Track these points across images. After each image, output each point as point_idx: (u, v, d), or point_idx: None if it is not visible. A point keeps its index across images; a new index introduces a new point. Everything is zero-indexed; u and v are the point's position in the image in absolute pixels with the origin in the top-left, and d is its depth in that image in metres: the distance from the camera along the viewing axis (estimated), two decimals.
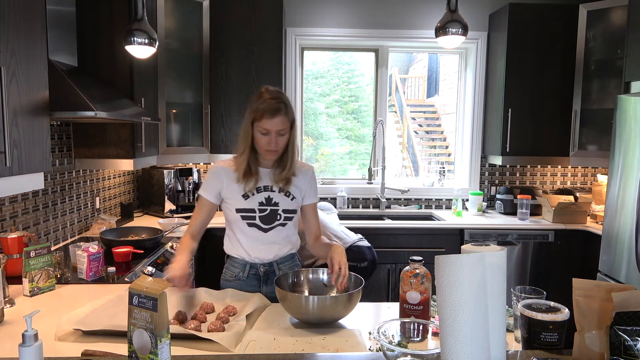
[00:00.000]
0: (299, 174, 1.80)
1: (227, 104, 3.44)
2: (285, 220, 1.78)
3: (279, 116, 1.65)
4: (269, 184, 1.77)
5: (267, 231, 1.77)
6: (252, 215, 1.75)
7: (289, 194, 1.77)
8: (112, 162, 2.66)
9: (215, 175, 1.77)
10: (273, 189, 1.77)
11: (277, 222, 1.77)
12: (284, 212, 1.77)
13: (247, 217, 1.75)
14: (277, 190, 1.77)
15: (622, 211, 2.55)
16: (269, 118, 1.65)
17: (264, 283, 1.80)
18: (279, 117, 1.65)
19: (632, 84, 2.66)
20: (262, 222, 1.76)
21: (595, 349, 1.10)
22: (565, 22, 3.41)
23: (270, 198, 1.76)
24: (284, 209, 1.77)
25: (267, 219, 1.76)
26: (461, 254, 1.00)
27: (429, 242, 3.24)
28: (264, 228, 1.76)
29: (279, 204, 1.76)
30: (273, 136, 1.67)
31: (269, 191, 1.76)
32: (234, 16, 3.36)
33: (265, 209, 1.75)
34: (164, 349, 1.01)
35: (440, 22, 2.56)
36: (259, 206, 1.75)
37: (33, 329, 1.03)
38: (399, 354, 1.05)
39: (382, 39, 3.78)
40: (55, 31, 2.30)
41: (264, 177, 1.77)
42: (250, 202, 1.75)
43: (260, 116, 1.65)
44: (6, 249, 1.89)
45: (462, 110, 3.98)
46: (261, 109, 1.65)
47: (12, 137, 1.55)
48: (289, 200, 1.78)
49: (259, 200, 1.75)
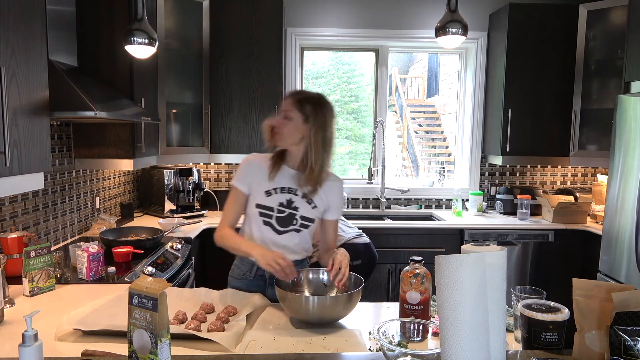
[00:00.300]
0: (325, 185, 1.76)
1: (227, 104, 3.44)
2: (300, 227, 1.75)
3: (289, 98, 1.72)
4: (294, 186, 1.74)
5: (281, 234, 1.74)
6: (270, 214, 1.73)
7: (311, 202, 1.74)
8: (112, 162, 2.66)
9: (247, 165, 1.78)
10: (297, 192, 1.74)
11: (292, 227, 1.74)
12: (301, 219, 1.74)
13: (264, 215, 1.73)
14: (301, 195, 1.74)
15: (622, 211, 2.55)
16: (284, 99, 1.73)
17: (269, 285, 1.78)
18: (289, 99, 1.72)
19: (632, 84, 2.66)
20: (277, 223, 1.73)
21: (595, 349, 1.10)
22: (565, 22, 3.41)
23: (292, 201, 1.74)
24: (302, 216, 1.74)
25: (283, 222, 1.74)
26: (461, 254, 1.00)
27: (429, 242, 3.24)
28: (278, 230, 1.74)
29: (298, 209, 1.73)
30: (280, 115, 1.72)
31: (292, 194, 1.74)
32: (234, 16, 3.36)
33: (283, 211, 1.73)
34: (164, 349, 1.01)
35: (440, 22, 2.56)
36: (278, 206, 1.73)
37: (33, 329, 1.03)
38: (399, 354, 1.05)
39: (382, 39, 3.78)
40: (55, 31, 2.30)
41: (289, 178, 1.74)
42: (271, 200, 1.73)
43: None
44: (6, 249, 1.89)
45: (462, 110, 3.98)
46: None
47: (12, 137, 1.55)
48: (309, 207, 1.75)
49: (279, 200, 1.73)
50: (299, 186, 1.73)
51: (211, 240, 3.19)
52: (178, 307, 1.55)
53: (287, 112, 1.68)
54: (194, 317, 1.45)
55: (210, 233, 3.13)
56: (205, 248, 3.14)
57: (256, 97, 3.44)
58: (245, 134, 3.46)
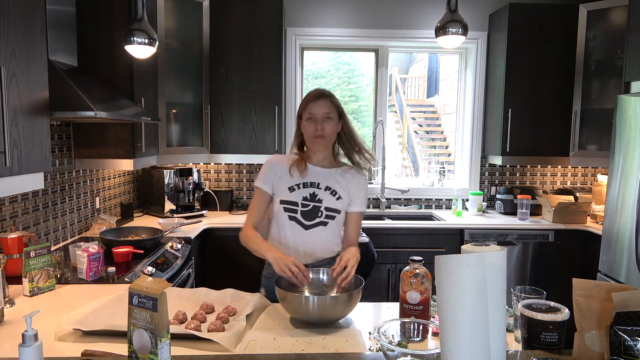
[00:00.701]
0: (349, 175, 1.82)
1: (227, 104, 3.44)
2: (326, 218, 1.77)
3: (322, 99, 1.75)
4: (317, 180, 1.79)
5: (308, 228, 1.77)
6: (294, 209, 1.76)
7: (335, 193, 1.78)
8: (112, 162, 2.66)
9: (269, 166, 1.83)
10: (319, 185, 1.78)
11: (318, 220, 1.77)
12: (326, 210, 1.77)
13: (289, 210, 1.77)
14: (324, 188, 1.78)
15: (622, 211, 2.55)
16: (314, 102, 1.75)
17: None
18: (322, 100, 1.75)
19: (632, 84, 2.66)
20: (302, 217, 1.77)
21: (595, 349, 1.10)
22: (565, 22, 3.41)
23: (315, 194, 1.77)
24: (326, 207, 1.77)
25: (309, 215, 1.77)
26: (461, 254, 1.00)
27: (429, 242, 3.24)
28: (305, 224, 1.77)
29: (322, 200, 1.77)
30: (319, 120, 1.73)
31: (315, 187, 1.78)
32: (234, 16, 3.36)
33: (308, 204, 1.77)
34: (164, 349, 1.01)
35: (440, 22, 2.56)
36: (302, 200, 1.77)
37: (33, 329, 1.03)
38: (399, 354, 1.05)
39: (382, 39, 3.78)
40: (55, 31, 2.30)
41: (313, 175, 1.79)
42: (295, 195, 1.77)
43: (305, 104, 1.77)
44: (6, 249, 1.89)
45: (462, 110, 3.98)
46: (306, 99, 1.78)
47: (12, 137, 1.55)
48: (334, 199, 1.78)
49: (303, 195, 1.77)
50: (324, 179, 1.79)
51: (211, 240, 3.20)
52: (178, 307, 1.55)
53: (328, 114, 1.74)
54: (194, 317, 1.45)
55: (210, 233, 3.15)
56: (205, 248, 3.14)
57: (256, 97, 3.44)
58: (245, 134, 3.46)
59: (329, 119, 1.74)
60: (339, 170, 1.82)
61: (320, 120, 1.73)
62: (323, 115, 1.73)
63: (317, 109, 1.73)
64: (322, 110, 1.73)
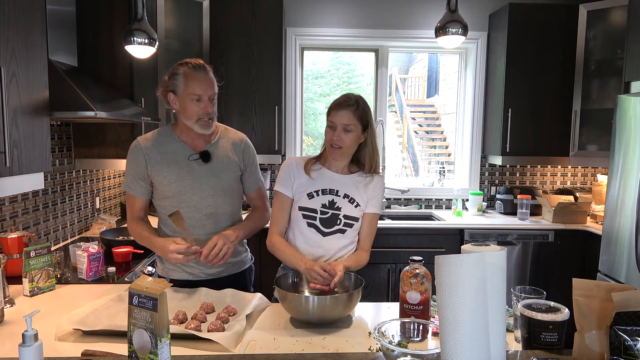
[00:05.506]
0: (367, 180, 1.78)
1: (227, 104, 3.43)
2: (345, 226, 1.75)
3: (345, 110, 1.68)
4: (336, 187, 1.75)
5: (326, 235, 1.74)
6: (313, 216, 1.74)
7: (353, 201, 1.76)
8: (112, 162, 2.66)
9: (288, 168, 1.79)
10: (338, 193, 1.75)
11: (337, 227, 1.75)
12: (344, 218, 1.75)
13: (307, 217, 1.74)
14: (342, 196, 1.75)
15: (622, 211, 2.55)
16: (336, 110, 1.69)
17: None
18: (345, 110, 1.68)
19: (632, 84, 2.66)
20: (321, 224, 1.74)
21: (595, 349, 1.10)
22: (565, 22, 3.41)
23: (334, 202, 1.75)
24: (345, 215, 1.75)
25: (327, 222, 1.74)
26: (461, 254, 1.00)
27: (429, 242, 3.24)
28: (323, 231, 1.74)
29: (341, 208, 1.75)
30: (338, 130, 1.68)
31: (333, 195, 1.75)
32: (234, 16, 3.36)
33: (326, 212, 1.74)
34: (164, 349, 1.01)
35: (440, 22, 2.56)
36: (321, 207, 1.74)
37: (33, 329, 1.04)
38: (399, 354, 1.05)
39: (382, 39, 3.78)
40: (55, 31, 2.30)
41: (330, 181, 1.76)
42: (314, 202, 1.74)
43: (330, 110, 1.72)
44: (6, 249, 1.89)
45: (462, 110, 3.98)
46: (331, 105, 1.72)
47: (12, 137, 1.55)
48: (352, 206, 1.75)
49: (322, 202, 1.74)
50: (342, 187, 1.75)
51: None
52: (178, 307, 1.55)
53: (347, 126, 1.67)
54: (194, 317, 1.45)
55: None
56: None
57: (256, 97, 3.44)
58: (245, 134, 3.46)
59: (348, 132, 1.68)
60: (356, 177, 1.79)
61: (339, 131, 1.68)
62: (342, 126, 1.67)
63: (337, 119, 1.68)
64: (342, 121, 1.67)
